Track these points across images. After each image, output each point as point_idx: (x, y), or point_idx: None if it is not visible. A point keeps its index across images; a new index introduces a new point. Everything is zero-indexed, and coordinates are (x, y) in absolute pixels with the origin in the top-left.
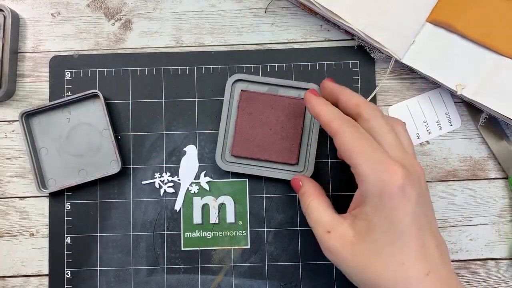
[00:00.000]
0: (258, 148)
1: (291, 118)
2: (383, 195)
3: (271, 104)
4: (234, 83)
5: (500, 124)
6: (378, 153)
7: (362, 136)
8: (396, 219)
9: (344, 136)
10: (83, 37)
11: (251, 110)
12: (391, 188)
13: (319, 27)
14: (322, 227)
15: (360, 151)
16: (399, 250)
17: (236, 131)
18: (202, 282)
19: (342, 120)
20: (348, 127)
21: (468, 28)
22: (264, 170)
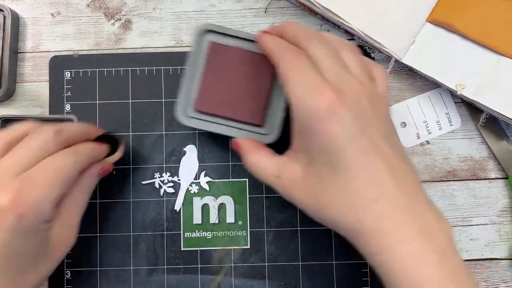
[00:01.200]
0: (223, 105)
1: (261, 76)
2: (313, 121)
3: (242, 59)
4: (204, 33)
5: (500, 124)
6: (308, 77)
7: (299, 63)
8: (331, 144)
9: (282, 66)
10: (83, 37)
11: (219, 64)
12: (320, 112)
13: (319, 27)
14: (271, 176)
15: (292, 79)
16: (342, 177)
17: (203, 85)
18: (202, 282)
19: (284, 50)
20: (287, 56)
21: (468, 28)
22: (226, 129)
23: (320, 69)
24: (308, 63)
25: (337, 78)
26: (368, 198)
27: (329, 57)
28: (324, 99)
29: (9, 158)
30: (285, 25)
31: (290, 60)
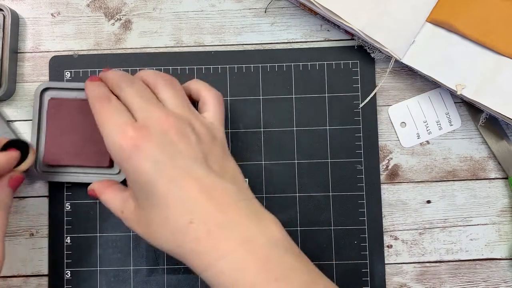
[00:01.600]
0: (69, 155)
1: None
2: (123, 160)
3: (80, 109)
4: (43, 92)
5: (500, 124)
6: (114, 120)
7: (108, 109)
8: (142, 180)
9: (95, 112)
10: (83, 37)
11: (60, 117)
12: (126, 151)
13: (319, 27)
14: (118, 211)
15: (102, 124)
16: (160, 209)
17: (47, 140)
18: (202, 282)
19: (97, 97)
20: (98, 103)
21: (468, 28)
22: (79, 176)
23: (131, 111)
24: (116, 107)
25: (144, 115)
26: (183, 223)
27: (138, 96)
28: (126, 138)
29: None
30: (104, 73)
31: (101, 106)
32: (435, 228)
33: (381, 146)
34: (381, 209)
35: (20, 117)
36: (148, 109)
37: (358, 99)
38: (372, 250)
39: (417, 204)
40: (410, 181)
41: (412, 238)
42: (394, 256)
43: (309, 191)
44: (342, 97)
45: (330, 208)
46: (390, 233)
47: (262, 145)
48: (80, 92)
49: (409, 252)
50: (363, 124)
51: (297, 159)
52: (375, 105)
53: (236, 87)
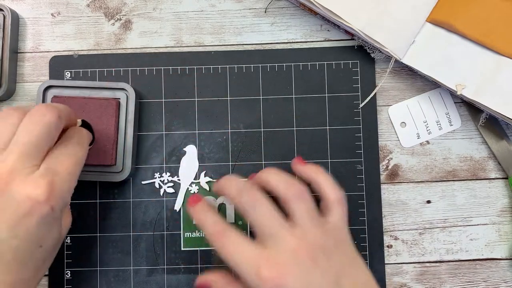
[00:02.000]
0: None
1: (103, 119)
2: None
3: (83, 107)
4: (46, 89)
5: (500, 124)
6: (244, 255)
7: (232, 242)
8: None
9: (216, 246)
10: (83, 37)
11: None
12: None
13: (319, 27)
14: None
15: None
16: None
17: None
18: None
19: (214, 231)
20: (217, 237)
21: (468, 28)
22: (83, 174)
23: (258, 234)
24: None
25: (275, 242)
26: None
27: (266, 220)
28: (265, 280)
29: (20, 146)
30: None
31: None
32: (435, 228)
33: (381, 146)
34: (381, 209)
35: None
36: (279, 236)
37: (358, 99)
38: (372, 250)
39: (417, 204)
40: (410, 181)
41: (412, 238)
42: (394, 256)
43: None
44: (342, 97)
45: None
46: (390, 233)
47: (262, 145)
48: (82, 90)
49: (409, 252)
50: (363, 124)
51: None
52: (375, 105)
53: (236, 87)
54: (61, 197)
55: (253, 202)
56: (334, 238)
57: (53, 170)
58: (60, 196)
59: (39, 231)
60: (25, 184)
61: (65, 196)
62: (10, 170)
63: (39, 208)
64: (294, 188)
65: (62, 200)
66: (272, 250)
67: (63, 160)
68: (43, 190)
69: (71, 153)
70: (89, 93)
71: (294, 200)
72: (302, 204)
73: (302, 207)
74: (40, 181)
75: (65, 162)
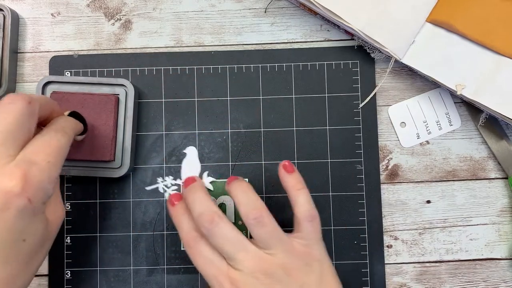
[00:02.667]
0: (71, 148)
1: (102, 115)
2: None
3: (82, 103)
4: (45, 85)
5: (500, 124)
6: (209, 268)
7: (202, 254)
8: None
9: (188, 251)
10: (83, 37)
11: (63, 110)
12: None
13: (319, 27)
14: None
15: (200, 267)
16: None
17: None
18: (202, 282)
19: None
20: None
21: (468, 28)
22: (82, 170)
23: (221, 253)
24: (207, 255)
25: (235, 262)
26: None
27: (226, 241)
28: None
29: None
30: (185, 193)
31: (192, 252)
32: (435, 228)
33: (381, 146)
34: (381, 209)
35: None
36: (238, 258)
37: (358, 99)
38: (372, 250)
39: (417, 204)
40: (410, 181)
41: (412, 238)
42: (394, 256)
43: (309, 191)
44: (342, 97)
45: (330, 208)
46: (390, 233)
47: (262, 145)
48: (82, 86)
49: (409, 252)
50: (363, 124)
51: (297, 159)
52: (375, 105)
53: (236, 87)
54: (40, 188)
55: (212, 227)
56: (299, 256)
57: (29, 160)
58: (38, 187)
59: (19, 224)
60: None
61: (46, 187)
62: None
63: (15, 200)
64: (254, 212)
65: (42, 191)
66: (233, 270)
67: (40, 149)
68: (18, 181)
69: (50, 140)
70: (88, 89)
71: (254, 224)
72: (260, 228)
73: (260, 231)
74: (15, 171)
75: (42, 150)
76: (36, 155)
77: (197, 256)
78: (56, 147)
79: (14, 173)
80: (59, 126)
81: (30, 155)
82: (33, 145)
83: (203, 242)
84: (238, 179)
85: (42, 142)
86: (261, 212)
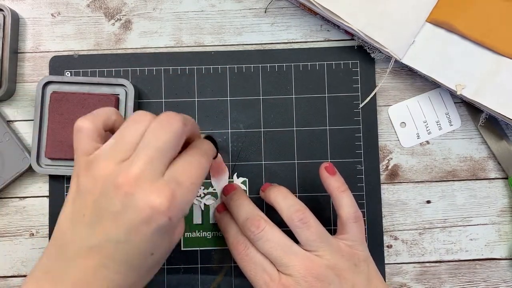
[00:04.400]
0: (71, 148)
1: None
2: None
3: (82, 102)
4: (45, 85)
5: (500, 124)
6: (258, 275)
7: (250, 261)
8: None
9: (235, 258)
10: (83, 37)
11: (62, 111)
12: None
13: (319, 27)
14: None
15: (248, 275)
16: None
17: (48, 133)
18: (202, 282)
19: (234, 243)
20: (237, 251)
21: (468, 28)
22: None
23: (270, 259)
24: (255, 261)
25: (284, 268)
26: None
27: (275, 248)
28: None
29: (148, 151)
30: (228, 202)
31: (240, 258)
32: (435, 228)
33: (381, 146)
34: (381, 209)
35: (20, 117)
36: (287, 263)
37: (358, 99)
38: (372, 250)
39: (417, 204)
40: (410, 181)
41: (412, 238)
42: (394, 256)
43: (309, 191)
44: (342, 97)
45: (330, 208)
46: (390, 233)
47: (262, 145)
48: (82, 86)
49: (409, 252)
50: (363, 124)
51: (297, 159)
52: (375, 105)
53: (236, 87)
54: (181, 209)
55: (259, 231)
56: (346, 257)
57: (177, 180)
58: (180, 208)
59: (153, 239)
60: (148, 191)
61: (185, 208)
62: (136, 175)
63: (158, 218)
64: (297, 214)
65: (181, 212)
66: (285, 276)
67: (187, 169)
68: (165, 200)
69: (196, 163)
70: (88, 89)
71: (299, 226)
72: (307, 230)
73: (307, 233)
74: (164, 190)
75: (189, 171)
76: (183, 176)
77: (248, 262)
78: (200, 170)
79: (163, 191)
80: (203, 150)
81: (178, 175)
82: (181, 165)
83: (253, 249)
84: (275, 185)
85: (189, 163)
86: (304, 213)
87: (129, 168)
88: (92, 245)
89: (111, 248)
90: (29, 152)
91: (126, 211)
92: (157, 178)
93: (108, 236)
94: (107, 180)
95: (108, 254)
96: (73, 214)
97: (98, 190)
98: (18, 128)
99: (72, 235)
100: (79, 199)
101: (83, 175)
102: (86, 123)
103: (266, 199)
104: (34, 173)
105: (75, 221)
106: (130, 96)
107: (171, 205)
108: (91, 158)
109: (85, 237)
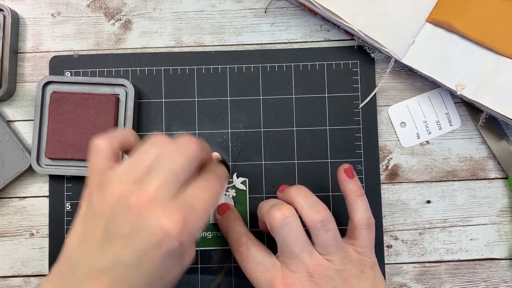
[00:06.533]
0: (72, 148)
1: (102, 115)
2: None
3: (82, 102)
4: (45, 85)
5: (500, 124)
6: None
7: (251, 258)
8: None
9: (236, 258)
10: (83, 37)
11: (62, 111)
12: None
13: (319, 27)
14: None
15: (248, 272)
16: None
17: (48, 133)
18: (202, 282)
19: (236, 243)
20: (239, 251)
21: (468, 28)
22: (81, 170)
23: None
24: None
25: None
26: None
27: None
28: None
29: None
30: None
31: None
32: (435, 228)
33: (381, 146)
34: (381, 209)
35: (20, 117)
36: (299, 258)
37: (358, 99)
38: None
39: (417, 204)
40: (410, 181)
41: (412, 238)
42: (394, 256)
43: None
44: (342, 97)
45: (330, 208)
46: (390, 233)
47: (262, 145)
48: (82, 86)
49: (409, 252)
50: (363, 124)
51: (297, 159)
52: (375, 105)
53: (236, 87)
54: (192, 234)
55: (281, 221)
56: (355, 263)
57: (190, 204)
58: (191, 233)
59: (163, 264)
60: (160, 214)
61: (196, 233)
62: (150, 197)
63: (169, 242)
64: (319, 216)
65: (192, 237)
66: (288, 270)
67: (201, 194)
68: (177, 224)
69: (210, 188)
70: (88, 89)
71: (319, 229)
72: (326, 233)
73: (326, 236)
74: (176, 214)
75: (202, 196)
76: (196, 200)
77: (249, 262)
78: (213, 195)
79: (175, 215)
80: (217, 175)
81: (191, 199)
82: (195, 189)
83: (255, 248)
84: (296, 186)
85: (203, 188)
86: (326, 215)
87: (142, 189)
88: (102, 267)
89: (121, 271)
90: (29, 152)
91: (137, 233)
92: (170, 201)
93: (118, 259)
94: (120, 201)
95: (118, 278)
96: (83, 234)
97: (109, 211)
98: (18, 128)
99: (82, 256)
100: (90, 219)
101: (95, 194)
102: (104, 142)
103: (285, 197)
104: (34, 173)
105: (85, 241)
106: (130, 96)
107: (183, 229)
108: (105, 177)
109: (94, 259)
